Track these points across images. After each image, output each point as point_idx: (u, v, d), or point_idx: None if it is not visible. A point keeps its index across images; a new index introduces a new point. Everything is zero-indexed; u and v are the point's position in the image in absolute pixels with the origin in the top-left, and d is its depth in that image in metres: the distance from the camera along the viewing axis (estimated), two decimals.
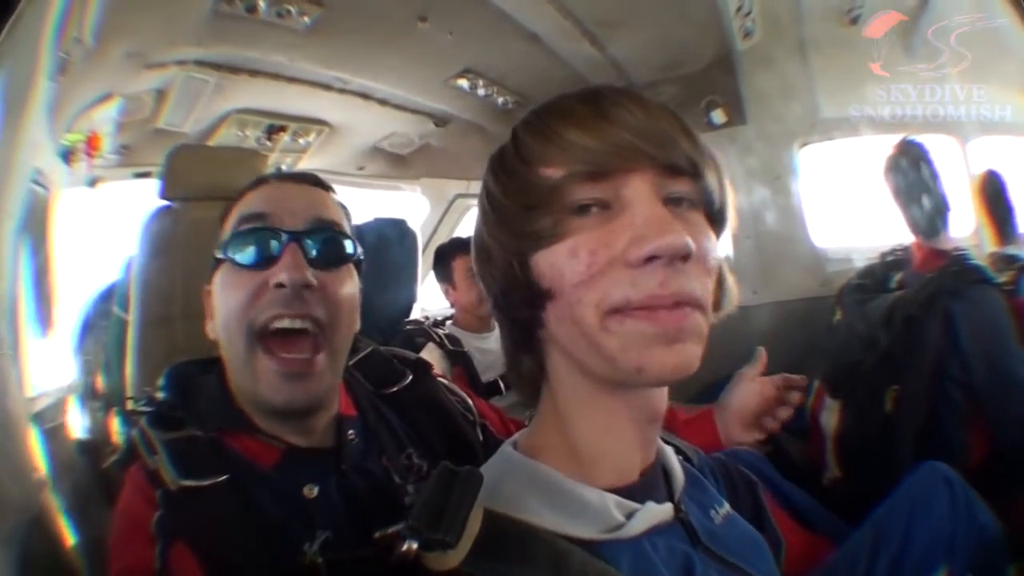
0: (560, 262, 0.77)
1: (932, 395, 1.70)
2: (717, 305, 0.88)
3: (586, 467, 0.85)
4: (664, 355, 0.74)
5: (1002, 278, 1.73)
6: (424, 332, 1.75)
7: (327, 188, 1.20)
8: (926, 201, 1.77)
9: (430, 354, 1.72)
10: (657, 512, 0.85)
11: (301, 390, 1.09)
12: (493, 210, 0.83)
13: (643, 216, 0.74)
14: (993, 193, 1.80)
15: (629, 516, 0.83)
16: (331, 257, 1.13)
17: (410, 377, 1.31)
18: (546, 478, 0.84)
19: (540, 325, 0.83)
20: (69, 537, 1.22)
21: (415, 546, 0.72)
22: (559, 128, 0.78)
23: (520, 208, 0.79)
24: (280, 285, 1.06)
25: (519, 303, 0.82)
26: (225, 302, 1.10)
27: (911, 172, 1.77)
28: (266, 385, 1.08)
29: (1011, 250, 1.78)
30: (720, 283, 0.88)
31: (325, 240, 1.12)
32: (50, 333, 1.39)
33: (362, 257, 1.19)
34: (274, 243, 1.08)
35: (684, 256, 0.73)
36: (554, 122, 0.79)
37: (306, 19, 1.48)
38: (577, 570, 0.74)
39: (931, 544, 1.37)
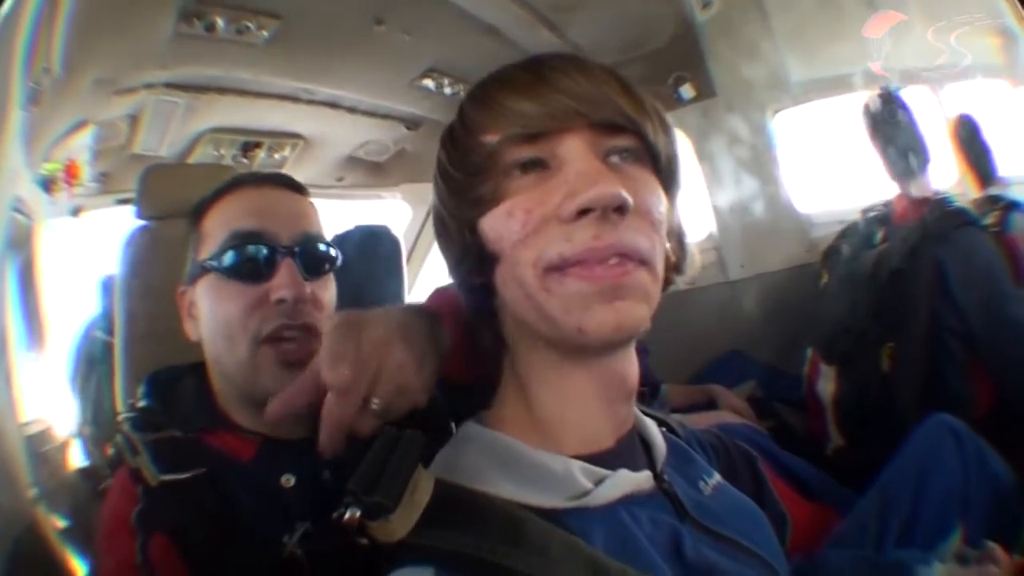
0: (499, 224, 0.79)
1: (929, 348, 1.63)
2: (679, 268, 0.88)
3: (549, 436, 0.84)
4: (604, 313, 0.75)
5: (988, 220, 1.67)
6: None
7: (302, 190, 1.28)
8: (905, 145, 1.72)
9: None
10: (631, 479, 0.83)
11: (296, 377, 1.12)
12: (443, 181, 0.86)
13: (576, 171, 0.77)
14: (968, 137, 1.73)
15: (599, 484, 0.81)
16: (319, 268, 1.21)
17: None
18: (505, 447, 0.84)
19: (493, 292, 0.85)
20: (63, 554, 1.24)
21: (357, 514, 0.71)
22: (496, 95, 0.81)
23: (464, 176, 0.82)
24: (281, 300, 1.14)
25: (471, 270, 0.85)
26: (219, 311, 1.18)
27: (889, 118, 1.72)
28: (267, 375, 1.14)
29: (993, 191, 1.72)
30: (680, 244, 0.88)
31: (313, 253, 1.20)
32: (42, 360, 1.42)
33: (341, 261, 1.25)
34: (269, 259, 1.16)
35: (618, 207, 0.75)
36: (493, 90, 0.83)
37: (264, 33, 1.51)
38: (536, 539, 0.73)
39: (943, 502, 1.31)
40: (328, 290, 1.22)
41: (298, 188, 1.27)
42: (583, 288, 0.75)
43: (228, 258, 1.16)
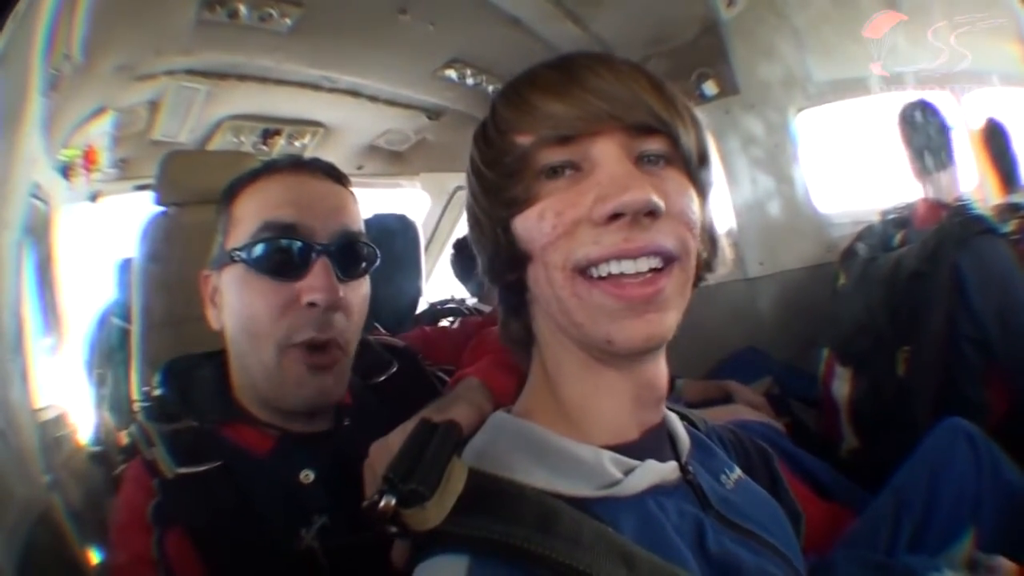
0: (531, 225, 0.79)
1: (945, 354, 1.63)
2: (710, 265, 0.88)
3: (578, 426, 0.84)
4: (634, 326, 0.76)
5: (1008, 227, 1.67)
6: (454, 310, 1.75)
7: (343, 180, 1.20)
8: (933, 147, 1.72)
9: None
10: (659, 469, 0.84)
11: (324, 383, 1.12)
12: (477, 180, 0.86)
13: (608, 175, 0.76)
14: (996, 141, 1.74)
15: (628, 474, 0.81)
16: (356, 268, 1.15)
17: (395, 367, 1.32)
18: (536, 436, 0.84)
19: (525, 289, 0.85)
20: (77, 542, 1.23)
21: (392, 502, 0.71)
22: (528, 96, 0.81)
23: (497, 176, 0.82)
24: (313, 304, 1.08)
25: (505, 267, 0.85)
26: (245, 306, 1.12)
27: (919, 119, 1.73)
28: (293, 382, 1.10)
29: (1016, 198, 1.72)
30: (711, 241, 0.87)
31: (352, 253, 1.14)
32: (60, 345, 1.41)
33: (379, 256, 1.19)
34: (303, 257, 1.10)
35: (649, 212, 0.75)
36: (524, 90, 0.82)
37: (287, 21, 1.50)
38: (568, 528, 0.73)
39: (956, 506, 1.32)
40: (362, 291, 1.17)
41: (339, 177, 1.20)
42: (611, 303, 0.76)
43: (258, 250, 1.09)
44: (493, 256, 0.86)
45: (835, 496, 1.46)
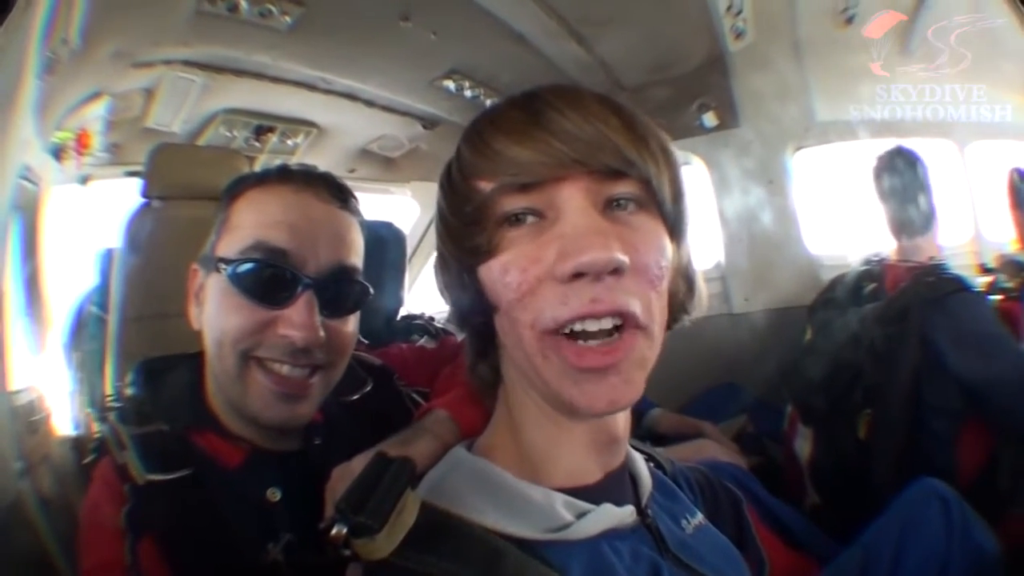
0: (495, 278, 0.76)
1: (910, 419, 1.59)
2: (685, 307, 0.86)
3: (536, 468, 0.82)
4: (596, 390, 0.73)
5: (1010, 283, 1.64)
6: (420, 327, 1.74)
7: (348, 202, 1.13)
8: (918, 201, 1.67)
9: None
10: (615, 514, 0.82)
11: (292, 410, 1.07)
12: (442, 224, 0.83)
13: (571, 227, 0.72)
14: (1017, 193, 1.68)
15: (581, 517, 0.81)
16: (342, 307, 1.08)
17: (370, 386, 1.28)
18: (490, 475, 0.82)
19: (494, 333, 0.83)
20: (46, 528, 1.23)
21: (344, 531, 0.70)
22: (490, 138, 0.77)
23: (460, 223, 0.79)
24: (286, 337, 1.03)
25: (472, 312, 0.82)
26: (219, 318, 1.06)
27: (905, 173, 1.67)
28: (257, 400, 1.06)
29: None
30: (688, 283, 0.85)
31: (340, 289, 1.08)
32: (41, 329, 1.41)
33: (371, 293, 1.14)
34: (288, 288, 1.03)
35: (614, 270, 0.71)
36: (486, 132, 0.78)
37: (287, 19, 1.49)
38: (511, 570, 0.72)
39: (923, 566, 1.31)
40: (349, 325, 1.10)
41: (345, 200, 1.11)
42: (575, 365, 0.73)
43: (244, 270, 1.03)
44: (460, 300, 0.83)
45: (803, 544, 1.44)
